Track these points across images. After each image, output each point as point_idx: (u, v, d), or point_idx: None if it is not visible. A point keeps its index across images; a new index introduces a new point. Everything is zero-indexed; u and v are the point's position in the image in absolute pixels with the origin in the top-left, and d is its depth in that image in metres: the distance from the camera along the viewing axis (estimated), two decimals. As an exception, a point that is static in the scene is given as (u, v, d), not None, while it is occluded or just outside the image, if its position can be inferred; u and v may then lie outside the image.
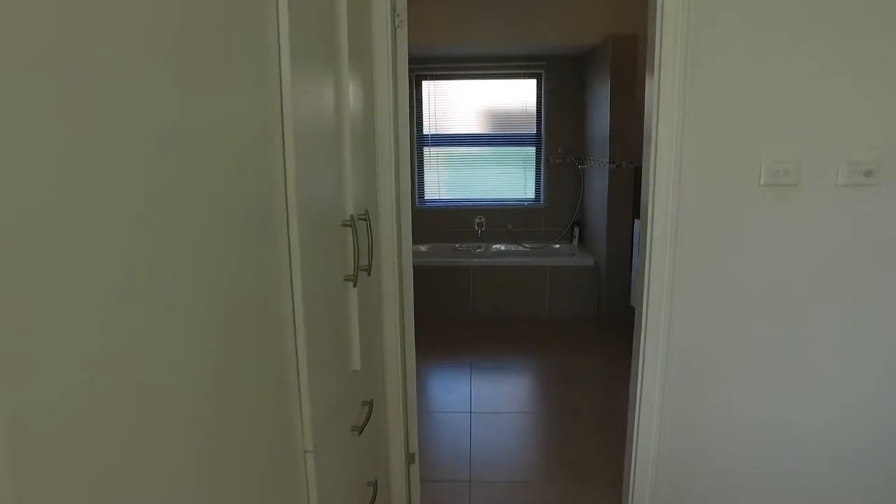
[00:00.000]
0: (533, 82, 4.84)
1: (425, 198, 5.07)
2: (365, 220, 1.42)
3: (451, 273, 4.38)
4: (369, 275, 1.43)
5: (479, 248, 4.95)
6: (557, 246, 4.86)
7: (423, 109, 4.92)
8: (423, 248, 4.97)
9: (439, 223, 5.03)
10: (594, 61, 4.31)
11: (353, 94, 1.40)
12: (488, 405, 3.02)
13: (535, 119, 4.87)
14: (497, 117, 4.91)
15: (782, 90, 1.58)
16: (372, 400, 1.53)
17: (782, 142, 1.59)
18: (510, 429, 2.80)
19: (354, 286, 1.34)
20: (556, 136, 4.82)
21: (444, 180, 5.02)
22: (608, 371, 3.46)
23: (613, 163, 3.89)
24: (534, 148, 4.91)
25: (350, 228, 1.29)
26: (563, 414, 2.93)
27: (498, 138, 4.91)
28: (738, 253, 1.68)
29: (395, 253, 1.86)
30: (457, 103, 4.89)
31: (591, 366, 3.54)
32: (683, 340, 1.78)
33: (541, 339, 3.99)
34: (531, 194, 5.00)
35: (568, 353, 3.73)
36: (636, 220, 3.72)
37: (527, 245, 4.88)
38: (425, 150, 4.98)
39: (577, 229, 4.85)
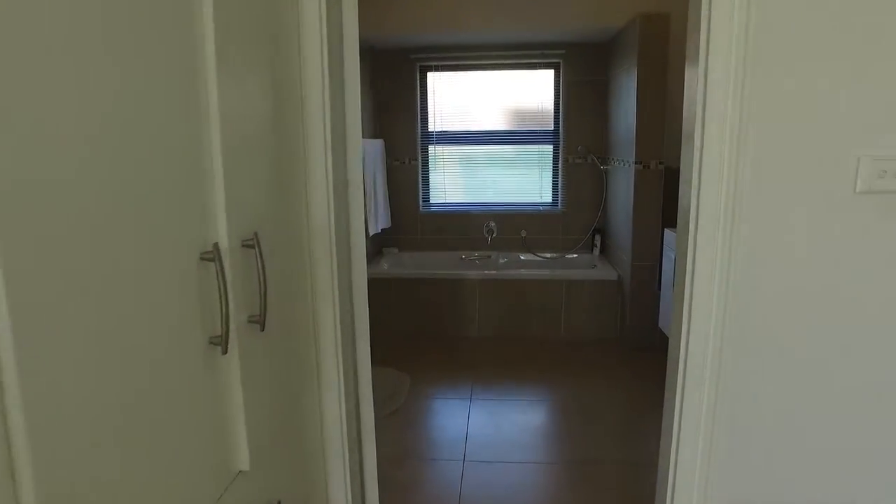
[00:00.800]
0: (550, 73, 4.33)
1: (430, 201, 4.61)
2: (253, 246, 0.96)
3: (456, 287, 3.91)
4: (263, 329, 0.97)
5: (489, 256, 4.46)
6: (576, 256, 4.35)
7: (428, 104, 4.46)
8: (426, 256, 4.50)
9: (445, 230, 4.56)
10: (619, 47, 3.79)
11: (235, 87, 0.94)
12: (487, 451, 2.54)
13: (552, 114, 4.37)
14: (511, 113, 4.41)
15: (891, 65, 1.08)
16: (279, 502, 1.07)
17: (892, 133, 1.08)
18: (511, 485, 2.31)
19: (225, 352, 0.88)
20: (575, 133, 4.30)
21: (452, 182, 4.55)
22: (633, 403, 2.95)
23: (640, 163, 3.37)
24: (551, 146, 4.41)
25: (214, 263, 0.83)
26: (577, 465, 2.43)
27: (511, 136, 4.42)
28: (820, 286, 1.18)
29: (334, 286, 1.39)
30: (466, 98, 4.41)
31: (612, 397, 3.02)
32: (737, 398, 1.28)
33: (555, 363, 3.48)
34: (548, 198, 4.49)
35: (586, 381, 3.22)
36: (666, 230, 3.19)
37: (542, 255, 4.38)
38: (430, 148, 4.52)
39: (598, 238, 4.32)
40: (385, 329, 3.94)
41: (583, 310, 3.83)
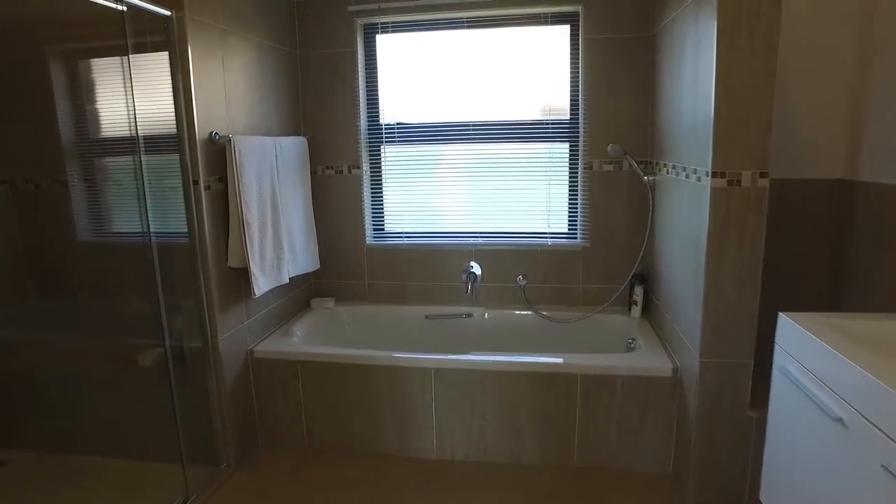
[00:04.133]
0: (564, 31, 2.76)
1: (384, 229, 3.08)
2: None
3: (401, 377, 2.38)
4: None
5: (469, 315, 2.91)
6: (600, 317, 2.76)
7: (378, 82, 2.94)
8: (373, 314, 2.98)
9: (403, 272, 3.03)
10: (677, -25, 2.20)
11: None
12: None
13: (567, 95, 2.80)
14: (504, 95, 2.86)
15: None
16: None
17: None
18: None
19: None
20: (603, 124, 2.72)
21: (415, 201, 3.02)
22: None
23: (722, 174, 1.78)
24: (566, 145, 2.84)
25: None
26: None
27: (505, 130, 2.86)
28: None
29: None
30: (435, 73, 2.88)
31: None
32: None
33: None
34: (560, 225, 2.92)
35: None
36: (783, 314, 1.56)
37: (549, 313, 2.80)
38: (383, 150, 3.00)
39: (639, 290, 2.73)
40: (284, 443, 2.47)
41: (612, 424, 2.25)
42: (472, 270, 2.88)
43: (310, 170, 2.87)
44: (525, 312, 2.86)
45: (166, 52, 2.00)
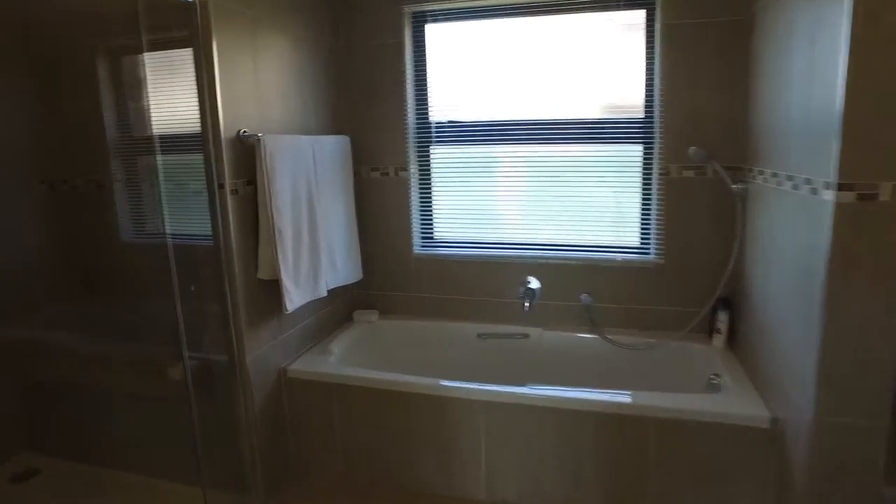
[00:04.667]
0: (639, 16, 2.42)
1: (433, 237, 2.82)
2: None
3: (448, 408, 2.11)
4: None
5: (526, 336, 2.61)
6: (677, 345, 2.40)
7: (427, 77, 2.68)
8: (419, 330, 2.74)
9: (453, 285, 2.76)
10: (786, -57, 1.82)
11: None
12: None
13: (642, 91, 2.45)
14: (568, 91, 2.54)
15: None
16: None
17: None
18: None
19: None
20: (683, 123, 2.36)
21: (467, 208, 2.74)
22: None
23: (850, 186, 1.41)
24: (639, 147, 2.49)
25: None
26: None
27: (570, 130, 2.54)
28: None
29: None
30: (490, 66, 2.59)
31: None
32: None
33: None
34: (631, 238, 2.57)
35: None
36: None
37: (617, 337, 2.47)
38: (433, 150, 2.74)
39: (723, 317, 2.35)
40: (318, 472, 2.25)
41: (690, 479, 1.90)
42: (530, 286, 2.58)
43: (352, 171, 2.64)
44: (589, 336, 2.53)
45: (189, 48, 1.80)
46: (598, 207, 2.56)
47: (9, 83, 2.33)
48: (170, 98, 1.94)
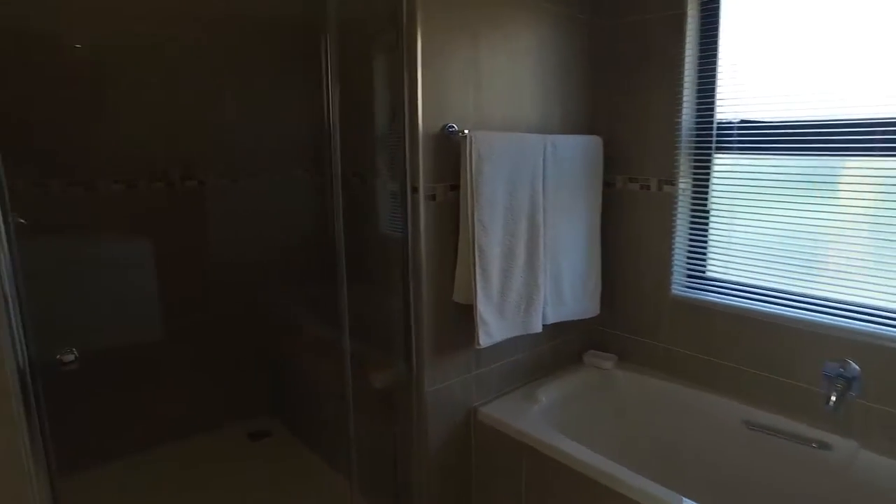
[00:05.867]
0: None
1: (705, 274, 2.10)
2: None
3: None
4: None
5: (826, 445, 1.73)
6: None
7: (717, 63, 1.97)
8: (665, 397, 2.09)
9: (721, 344, 2.01)
10: None
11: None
12: None
13: None
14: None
15: None
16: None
17: None
18: None
19: None
20: None
21: (756, 241, 1.95)
22: None
23: None
24: None
25: None
26: None
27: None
28: None
29: None
30: (811, 44, 1.75)
31: None
32: None
33: None
34: None
35: None
36: None
37: None
38: (715, 161, 2.02)
39: None
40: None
41: None
42: (844, 372, 1.68)
43: (601, 181, 2.12)
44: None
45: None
46: None
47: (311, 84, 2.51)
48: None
